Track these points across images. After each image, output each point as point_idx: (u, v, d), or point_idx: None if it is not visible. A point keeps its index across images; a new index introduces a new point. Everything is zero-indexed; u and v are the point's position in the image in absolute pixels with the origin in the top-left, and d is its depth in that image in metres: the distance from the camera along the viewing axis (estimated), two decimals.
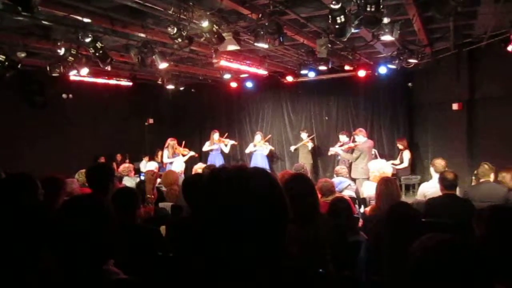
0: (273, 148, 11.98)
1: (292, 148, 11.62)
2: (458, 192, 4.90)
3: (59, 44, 6.54)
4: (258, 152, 11.41)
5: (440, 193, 4.74)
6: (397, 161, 9.97)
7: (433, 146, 10.05)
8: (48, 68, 7.23)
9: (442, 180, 4.65)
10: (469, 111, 9.36)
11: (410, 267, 1.37)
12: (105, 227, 1.77)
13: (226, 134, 11.57)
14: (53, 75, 7.30)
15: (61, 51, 6.59)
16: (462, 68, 9.10)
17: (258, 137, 11.47)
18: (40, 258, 1.83)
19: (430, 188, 5.47)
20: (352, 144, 9.34)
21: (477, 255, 1.32)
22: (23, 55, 6.74)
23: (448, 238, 1.39)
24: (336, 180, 6.19)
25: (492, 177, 5.32)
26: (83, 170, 5.38)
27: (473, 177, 6.47)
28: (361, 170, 8.58)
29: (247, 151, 11.64)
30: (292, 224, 1.26)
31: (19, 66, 6.66)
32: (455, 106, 9.35)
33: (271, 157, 12.09)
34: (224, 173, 1.22)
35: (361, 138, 9.07)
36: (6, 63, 6.31)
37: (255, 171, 1.24)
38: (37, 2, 3.93)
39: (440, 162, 5.82)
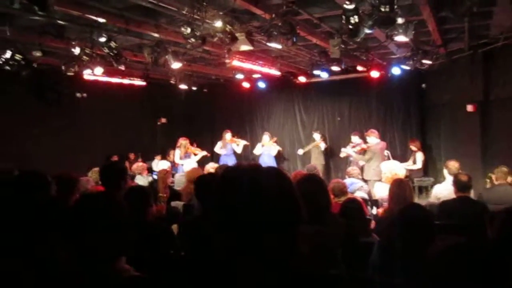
0: (281, 149, 11.96)
1: (300, 151, 11.58)
2: (472, 194, 4.85)
3: (73, 43, 6.61)
4: (266, 152, 11.42)
5: (453, 196, 4.69)
6: (409, 163, 9.87)
7: (446, 148, 9.94)
8: (63, 67, 7.32)
9: (456, 182, 4.61)
10: (483, 113, 9.24)
11: (427, 269, 1.36)
12: (118, 224, 1.79)
13: (237, 136, 11.60)
14: (68, 74, 7.38)
15: (76, 51, 6.66)
16: (476, 69, 8.98)
17: (265, 137, 11.48)
18: (54, 255, 1.85)
19: (444, 190, 5.42)
20: (364, 146, 9.30)
21: (493, 259, 1.30)
22: (38, 54, 6.83)
23: (465, 242, 1.37)
24: (348, 181, 6.16)
25: (509, 180, 5.26)
26: (96, 168, 5.44)
27: (487, 180, 6.40)
28: (373, 172, 8.52)
29: (255, 151, 11.66)
30: (304, 224, 1.26)
31: (34, 65, 6.75)
32: (469, 108, 9.23)
33: (278, 157, 12.08)
34: (238, 171, 1.22)
35: (373, 139, 9.01)
36: (22, 62, 6.40)
37: (269, 170, 1.24)
38: (52, 2, 3.99)
39: (453, 164, 5.77)
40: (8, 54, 6.31)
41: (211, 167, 7.18)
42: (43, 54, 7.00)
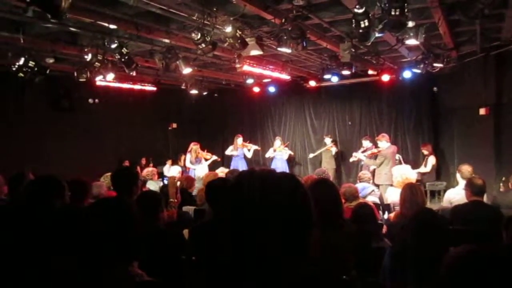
0: (292, 153, 11.94)
1: (311, 155, 11.56)
2: (485, 198, 4.78)
3: (86, 50, 6.69)
4: (278, 157, 11.41)
5: (466, 200, 4.63)
6: (422, 168, 9.79)
7: (459, 152, 9.85)
8: (75, 74, 7.40)
9: (470, 185, 4.54)
10: (496, 116, 9.14)
11: (443, 277, 1.33)
12: (130, 229, 1.80)
13: (248, 141, 11.63)
14: (80, 80, 7.45)
15: (88, 57, 6.73)
16: (489, 72, 8.90)
17: (277, 142, 11.49)
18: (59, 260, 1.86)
19: (456, 195, 5.35)
20: (375, 150, 9.24)
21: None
22: (51, 60, 6.93)
23: (483, 247, 1.33)
24: (359, 186, 6.12)
25: None
26: (109, 174, 5.47)
27: (501, 184, 6.31)
28: (384, 176, 8.46)
29: (267, 156, 11.66)
30: (316, 230, 1.25)
31: (47, 72, 6.83)
32: (482, 111, 9.14)
33: (290, 161, 12.06)
34: (251, 176, 1.22)
35: (384, 143, 8.95)
36: (36, 68, 6.48)
37: (282, 176, 1.24)
38: (65, 9, 4.03)
39: (466, 168, 5.69)
40: (21, 61, 6.39)
41: (221, 171, 7.18)
42: (56, 60, 7.10)
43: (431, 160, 9.70)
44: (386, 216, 5.53)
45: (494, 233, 3.43)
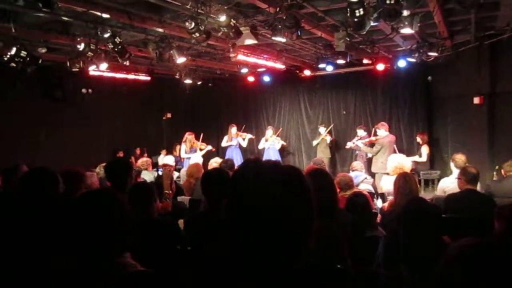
0: (284, 143, 11.91)
1: (314, 142, 11.49)
2: (478, 187, 4.81)
3: (78, 39, 6.62)
4: (271, 146, 11.38)
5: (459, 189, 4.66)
6: (416, 157, 9.83)
7: (453, 141, 9.90)
8: (67, 63, 7.33)
9: (465, 173, 4.56)
10: (490, 105, 9.18)
11: (444, 270, 1.30)
12: (119, 221, 1.79)
13: (244, 126, 11.59)
14: (73, 70, 7.39)
15: (81, 47, 6.67)
16: (483, 61, 8.91)
17: (269, 131, 11.42)
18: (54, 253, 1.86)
19: (450, 184, 5.39)
20: (373, 138, 9.28)
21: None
22: (43, 50, 6.85)
23: (488, 242, 1.31)
24: (352, 174, 6.14)
25: None
26: (104, 164, 5.44)
27: (495, 172, 6.37)
28: (381, 165, 8.50)
29: (260, 146, 11.59)
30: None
31: (39, 62, 6.76)
32: (476, 100, 9.17)
33: (283, 151, 12.04)
34: (251, 168, 1.22)
35: (382, 132, 8.99)
36: (27, 58, 6.41)
37: (289, 169, 1.24)
38: None
39: (460, 157, 5.73)
40: (13, 51, 6.32)
41: (215, 161, 7.15)
42: (48, 50, 7.03)
43: (425, 150, 9.74)
44: (380, 204, 5.56)
45: (486, 222, 3.45)
